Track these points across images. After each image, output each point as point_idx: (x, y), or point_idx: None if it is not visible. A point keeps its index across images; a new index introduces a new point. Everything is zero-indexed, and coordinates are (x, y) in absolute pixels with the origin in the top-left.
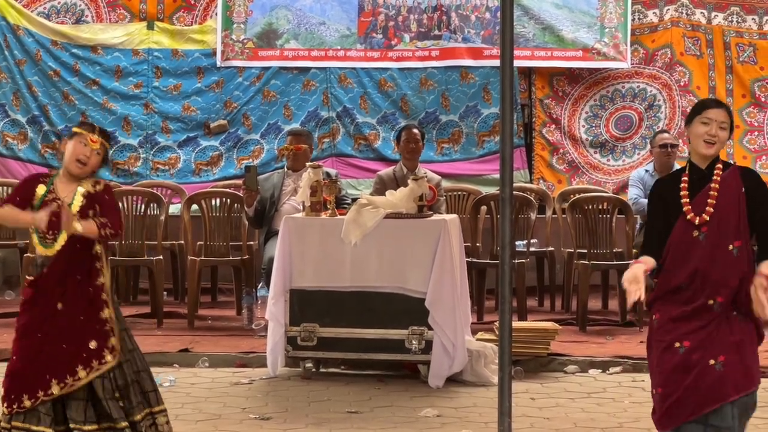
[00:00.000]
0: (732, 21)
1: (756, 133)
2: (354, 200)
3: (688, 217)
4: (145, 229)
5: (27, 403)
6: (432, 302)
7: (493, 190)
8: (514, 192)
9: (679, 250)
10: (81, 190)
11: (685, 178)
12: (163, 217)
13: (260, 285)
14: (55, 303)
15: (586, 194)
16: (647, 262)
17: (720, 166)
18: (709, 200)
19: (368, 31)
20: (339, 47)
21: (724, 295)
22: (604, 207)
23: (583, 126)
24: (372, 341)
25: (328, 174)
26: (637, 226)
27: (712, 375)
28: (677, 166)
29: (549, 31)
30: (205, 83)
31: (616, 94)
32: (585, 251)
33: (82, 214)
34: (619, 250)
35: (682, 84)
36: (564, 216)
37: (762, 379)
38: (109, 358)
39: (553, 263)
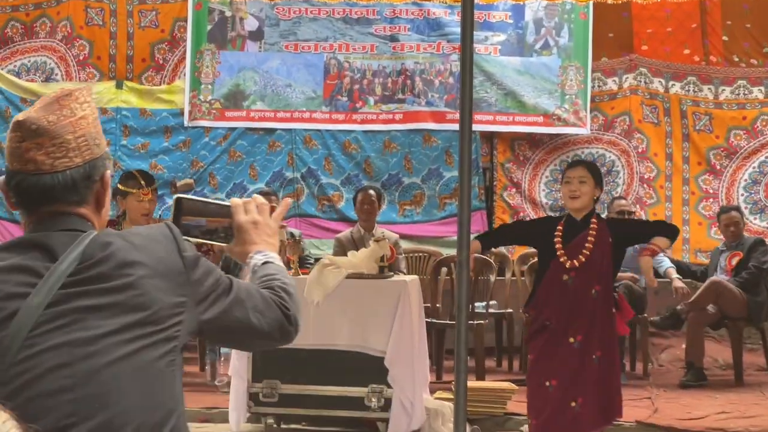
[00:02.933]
0: (689, 90)
1: (711, 200)
2: (317, 260)
3: (561, 260)
4: None
5: None
6: (391, 361)
7: (454, 251)
8: (474, 255)
9: (550, 291)
10: None
11: (560, 227)
12: None
13: None
14: None
15: None
16: (473, 244)
17: (595, 219)
18: (584, 250)
19: (333, 93)
20: (305, 109)
21: (582, 334)
22: None
23: (544, 190)
24: (333, 398)
25: (291, 234)
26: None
27: (571, 414)
28: None
29: (511, 97)
30: (172, 142)
31: (576, 158)
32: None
33: None
34: None
35: (640, 150)
36: (523, 278)
37: None
38: None
39: (511, 324)
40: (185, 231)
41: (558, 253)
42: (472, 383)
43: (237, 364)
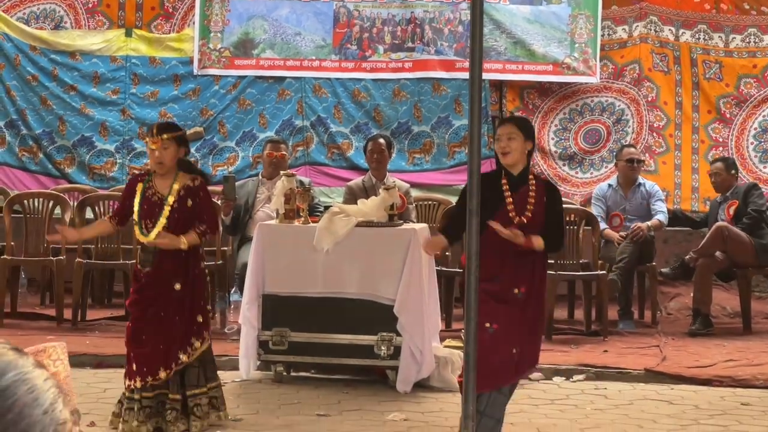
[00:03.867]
0: (699, 38)
1: (720, 148)
2: (326, 208)
3: (511, 214)
4: (121, 233)
5: (162, 375)
6: (400, 309)
7: None
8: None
9: (495, 244)
10: (177, 185)
11: (504, 181)
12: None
13: (233, 290)
14: (172, 284)
15: None
16: (439, 240)
17: (532, 177)
18: (528, 206)
19: (343, 42)
20: (314, 57)
21: (526, 286)
22: (572, 219)
23: (553, 139)
24: (342, 346)
25: (301, 182)
26: (603, 242)
27: (511, 359)
28: (641, 180)
29: (520, 46)
30: (181, 91)
31: (585, 108)
32: (552, 262)
33: (181, 205)
34: (585, 260)
35: (649, 99)
36: None
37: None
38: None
39: None
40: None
41: (509, 207)
42: None
43: (247, 313)
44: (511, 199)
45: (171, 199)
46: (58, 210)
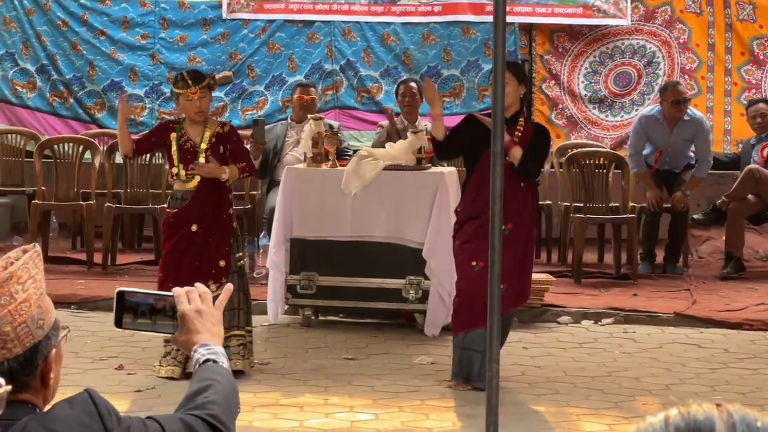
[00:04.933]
0: None
1: (753, 90)
2: (355, 152)
3: None
4: (150, 177)
5: None
6: (429, 252)
7: None
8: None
9: (482, 182)
10: (208, 132)
11: None
12: (167, 166)
13: (262, 234)
14: (190, 226)
15: (584, 149)
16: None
17: (522, 120)
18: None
19: None
20: (343, 1)
21: (513, 223)
22: (601, 162)
23: (583, 82)
24: (370, 290)
25: (330, 126)
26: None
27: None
28: (690, 112)
29: None
30: (210, 35)
31: (616, 50)
32: (581, 205)
33: (213, 151)
34: (615, 204)
35: (681, 41)
36: (561, 170)
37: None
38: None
39: (550, 216)
40: (132, 308)
41: None
42: None
43: (274, 257)
44: None
45: (204, 146)
46: (88, 155)
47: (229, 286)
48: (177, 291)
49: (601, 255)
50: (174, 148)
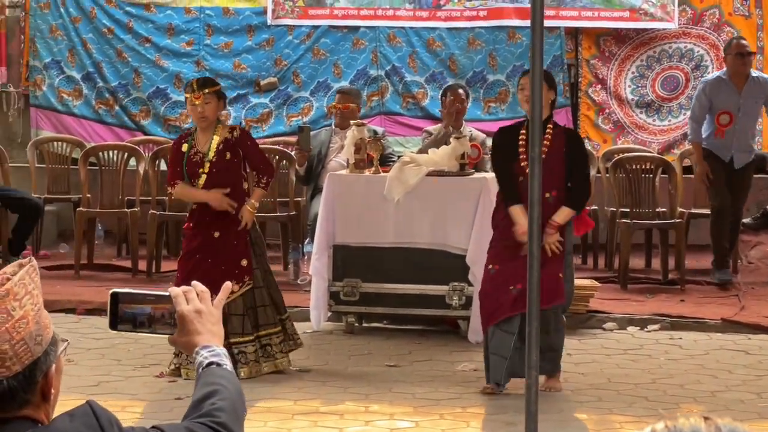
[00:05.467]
0: None
1: None
2: (400, 158)
3: (522, 164)
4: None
5: None
6: (472, 258)
7: None
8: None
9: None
10: (216, 138)
11: (524, 131)
12: None
13: (307, 241)
14: (212, 232)
15: (630, 154)
16: (523, 213)
17: (551, 126)
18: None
19: None
20: (388, 6)
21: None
22: (648, 167)
23: (629, 86)
24: (413, 297)
25: (374, 132)
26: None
27: (509, 295)
28: (754, 72)
29: None
30: (255, 41)
31: (663, 54)
32: (628, 210)
33: (219, 158)
34: (662, 209)
35: None
36: (608, 175)
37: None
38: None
39: (596, 222)
40: (130, 319)
41: (521, 156)
42: None
43: (317, 264)
44: (524, 147)
45: (211, 155)
46: (132, 162)
47: (227, 285)
48: (174, 291)
49: (648, 260)
50: (184, 160)
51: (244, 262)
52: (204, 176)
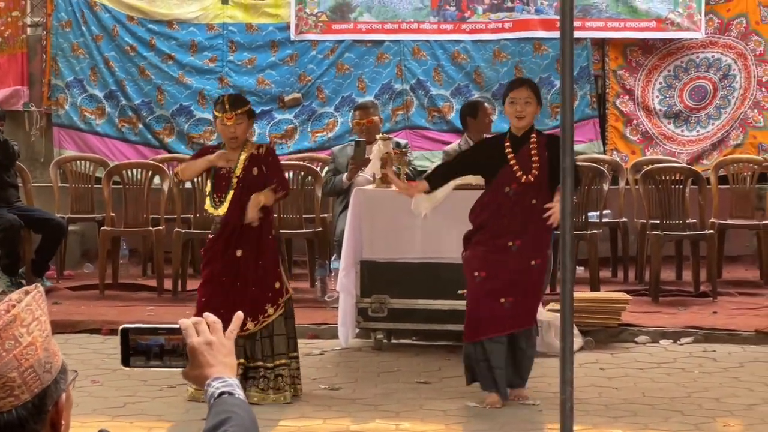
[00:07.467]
0: None
1: None
2: (421, 173)
3: (518, 174)
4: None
5: None
6: None
7: None
8: (586, 163)
9: (491, 198)
10: (243, 155)
11: (508, 143)
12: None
13: (333, 257)
14: (234, 252)
15: (660, 165)
16: (421, 184)
17: (534, 135)
18: (533, 164)
19: (441, 3)
20: (412, 20)
21: (520, 239)
22: (678, 177)
23: (657, 97)
24: (442, 312)
25: (398, 144)
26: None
27: (499, 309)
28: None
29: (622, 2)
30: (279, 57)
31: (691, 64)
32: (658, 222)
33: (246, 173)
34: (693, 220)
35: (757, 53)
36: (637, 187)
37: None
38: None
39: (626, 234)
40: (143, 351)
41: (511, 163)
42: (586, 294)
43: (345, 280)
44: (514, 160)
45: (238, 171)
46: (156, 180)
47: (239, 315)
48: (184, 323)
49: (679, 272)
50: (210, 175)
51: (278, 285)
52: (231, 191)
